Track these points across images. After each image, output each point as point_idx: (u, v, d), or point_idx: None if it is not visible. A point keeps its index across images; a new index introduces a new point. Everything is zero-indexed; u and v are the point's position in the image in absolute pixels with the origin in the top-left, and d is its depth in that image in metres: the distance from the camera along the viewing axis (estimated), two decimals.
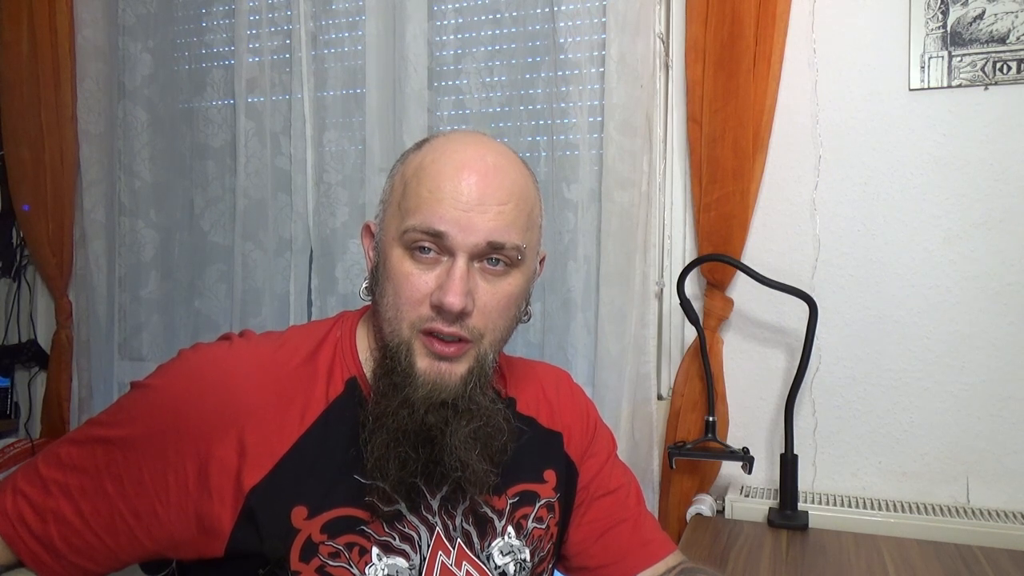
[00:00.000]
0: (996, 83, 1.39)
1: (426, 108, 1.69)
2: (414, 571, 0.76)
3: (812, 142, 1.49)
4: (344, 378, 0.79)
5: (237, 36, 1.82)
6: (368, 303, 0.83)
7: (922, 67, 1.43)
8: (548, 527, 0.86)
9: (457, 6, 1.71)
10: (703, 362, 1.47)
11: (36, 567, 0.75)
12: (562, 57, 1.59)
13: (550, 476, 0.88)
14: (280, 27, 1.82)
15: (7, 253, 2.06)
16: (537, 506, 0.85)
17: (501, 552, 0.81)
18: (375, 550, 0.74)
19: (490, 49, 1.70)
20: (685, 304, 1.47)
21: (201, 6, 1.91)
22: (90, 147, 1.93)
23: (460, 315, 0.73)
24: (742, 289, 1.51)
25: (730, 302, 1.51)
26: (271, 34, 1.82)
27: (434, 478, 0.77)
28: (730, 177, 1.46)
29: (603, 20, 1.56)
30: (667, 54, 1.57)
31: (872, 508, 1.38)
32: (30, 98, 1.94)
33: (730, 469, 1.51)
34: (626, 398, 1.53)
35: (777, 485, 1.39)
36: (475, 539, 0.80)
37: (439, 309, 0.73)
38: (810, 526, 1.33)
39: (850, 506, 1.39)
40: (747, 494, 1.45)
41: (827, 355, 1.48)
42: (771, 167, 1.50)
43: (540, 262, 0.85)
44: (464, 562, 0.79)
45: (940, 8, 1.41)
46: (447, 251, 0.73)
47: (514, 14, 1.67)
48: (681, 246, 1.58)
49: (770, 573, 1.14)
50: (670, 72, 1.57)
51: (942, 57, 1.41)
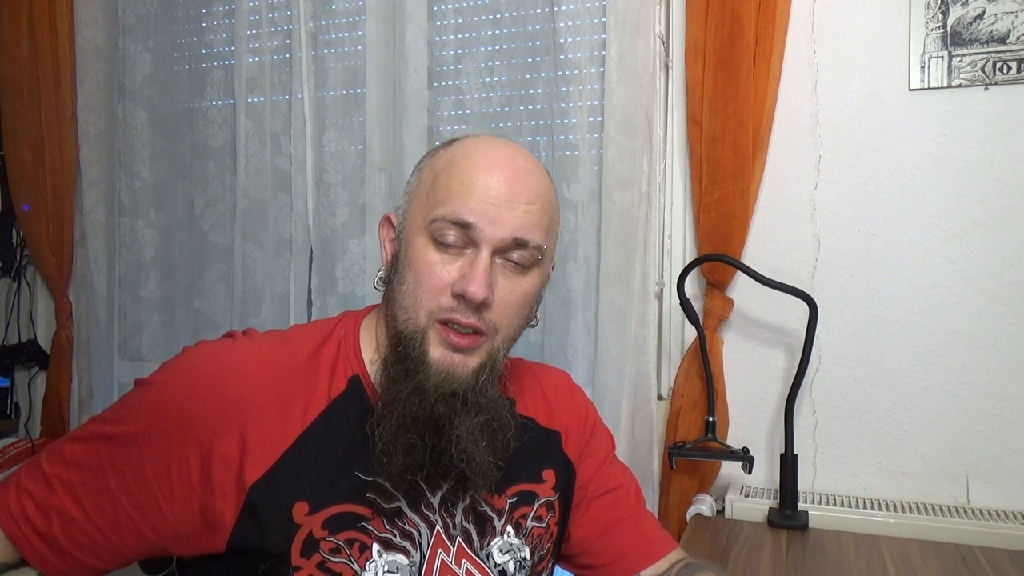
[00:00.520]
0: (996, 83, 1.39)
1: (426, 108, 1.69)
2: (414, 568, 0.76)
3: (812, 142, 1.49)
4: (347, 376, 0.80)
5: (237, 36, 1.82)
6: (379, 297, 0.83)
7: (922, 67, 1.43)
8: (548, 526, 0.86)
9: (457, 6, 1.71)
10: (703, 362, 1.47)
11: (40, 564, 0.75)
12: (562, 57, 1.59)
13: (549, 476, 0.88)
14: (280, 27, 1.82)
15: (7, 253, 2.06)
16: (536, 505, 0.86)
17: (501, 551, 0.82)
18: (376, 546, 0.74)
19: (490, 49, 1.70)
20: (685, 304, 1.47)
21: (201, 6, 1.91)
22: (90, 147, 1.93)
23: (480, 306, 0.74)
24: (742, 289, 1.51)
25: (730, 302, 1.51)
26: (271, 34, 1.82)
27: (438, 469, 0.77)
28: (730, 177, 1.46)
29: (603, 20, 1.57)
30: (667, 54, 1.57)
31: (872, 508, 1.38)
32: (30, 98, 1.94)
33: (730, 469, 1.51)
34: (626, 398, 1.53)
35: (777, 485, 1.39)
36: (475, 537, 0.81)
37: (461, 298, 0.74)
38: (810, 526, 1.33)
39: (850, 506, 1.39)
40: (747, 494, 1.45)
41: (827, 355, 1.48)
42: (771, 167, 1.50)
43: (551, 268, 0.86)
44: (464, 560, 0.79)
45: (940, 8, 1.41)
46: (472, 243, 0.75)
47: (514, 14, 1.67)
48: (681, 246, 1.58)
49: (770, 573, 1.14)
50: (670, 72, 1.57)
51: (942, 57, 1.41)
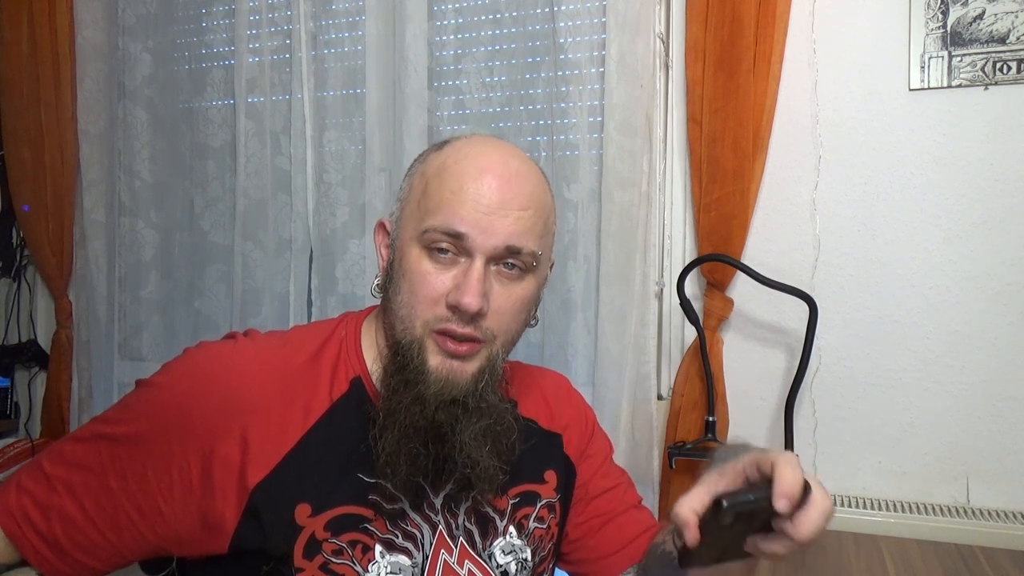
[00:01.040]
0: (996, 83, 1.39)
1: (426, 108, 1.69)
2: (416, 569, 0.76)
3: (812, 142, 1.49)
4: (348, 377, 0.79)
5: (237, 36, 1.82)
6: (378, 301, 0.83)
7: (922, 67, 1.43)
8: (549, 527, 0.86)
9: (457, 6, 1.71)
10: (703, 362, 1.47)
11: (40, 565, 0.75)
12: (562, 57, 1.59)
13: (550, 477, 0.88)
14: (280, 27, 1.82)
15: (7, 253, 2.06)
16: (538, 506, 0.86)
17: (503, 551, 0.81)
18: (378, 547, 0.74)
19: (490, 49, 1.70)
20: (685, 304, 1.47)
21: (201, 6, 1.91)
22: (90, 147, 1.93)
23: (475, 316, 0.73)
24: (742, 289, 1.51)
25: (730, 302, 1.51)
26: (271, 34, 1.82)
27: (442, 475, 0.77)
28: (730, 177, 1.46)
29: (603, 20, 1.57)
30: (667, 54, 1.57)
31: (872, 508, 1.38)
32: (30, 98, 1.94)
33: None
34: (626, 398, 1.53)
35: None
36: (477, 538, 0.80)
37: (455, 309, 0.73)
38: None
39: (850, 506, 1.40)
40: None
41: (827, 355, 1.48)
42: (771, 167, 1.50)
43: (550, 268, 0.86)
44: (466, 560, 0.79)
45: (940, 8, 1.41)
46: (465, 252, 0.74)
47: (514, 14, 1.67)
48: (681, 246, 1.58)
49: (770, 573, 1.14)
50: (670, 72, 1.57)
51: (942, 57, 1.41)
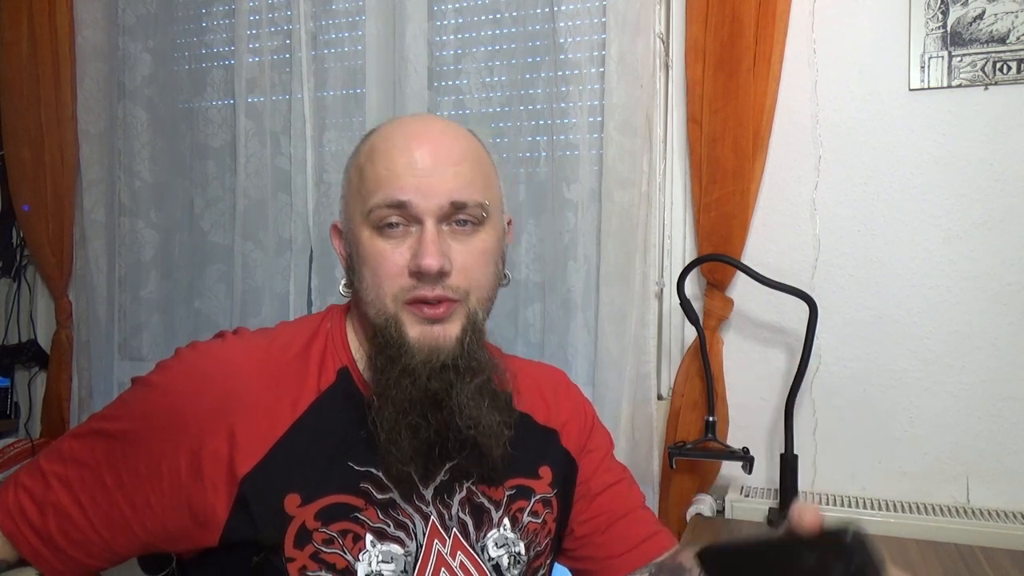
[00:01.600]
0: (996, 83, 1.39)
1: (426, 108, 1.69)
2: (410, 558, 0.75)
3: (812, 142, 1.49)
4: (336, 368, 0.80)
5: (237, 36, 1.82)
6: (350, 299, 0.84)
7: (922, 67, 1.43)
8: (545, 522, 0.86)
9: (457, 6, 1.71)
10: (703, 362, 1.47)
11: (36, 562, 0.76)
12: (562, 57, 1.59)
13: (545, 472, 0.88)
14: (280, 27, 1.82)
15: (7, 253, 2.06)
16: (532, 501, 0.85)
17: (496, 544, 0.81)
18: (369, 536, 0.74)
19: (490, 49, 1.70)
20: (685, 304, 1.47)
21: (201, 6, 1.91)
22: (90, 147, 1.93)
23: (440, 276, 0.74)
24: (742, 289, 1.51)
25: (730, 302, 1.51)
26: (271, 34, 1.82)
27: (447, 444, 0.77)
28: (730, 177, 1.46)
29: (603, 20, 1.56)
30: (667, 54, 1.57)
31: (872, 508, 1.38)
32: (30, 98, 1.93)
33: (730, 469, 1.50)
34: (626, 398, 1.53)
35: (777, 485, 1.39)
36: (471, 529, 0.80)
37: (418, 275, 0.74)
38: None
39: (850, 506, 1.40)
40: (747, 494, 1.45)
41: (827, 355, 1.48)
42: (771, 167, 1.50)
43: (508, 225, 0.86)
44: (459, 552, 0.78)
45: (940, 8, 1.41)
46: (414, 220, 0.75)
47: (514, 14, 1.67)
48: (681, 246, 1.58)
49: None
50: (670, 72, 1.57)
51: (942, 57, 1.41)
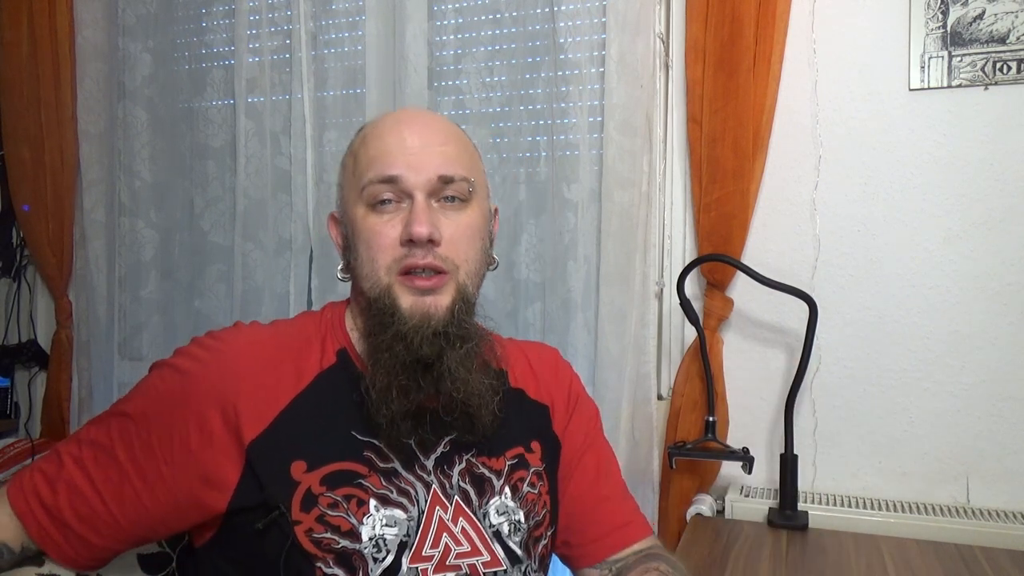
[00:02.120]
0: (996, 83, 1.39)
1: (426, 108, 1.69)
2: (412, 522, 0.79)
3: (812, 142, 1.49)
4: (335, 349, 0.85)
5: (237, 36, 1.82)
6: (345, 288, 0.89)
7: (922, 67, 1.43)
8: (540, 493, 0.89)
9: (457, 6, 1.71)
10: (703, 362, 1.47)
11: (42, 543, 0.77)
12: (562, 57, 1.59)
13: (536, 447, 0.91)
14: (280, 27, 1.82)
15: (7, 253, 2.06)
16: (530, 472, 0.89)
17: (497, 511, 0.84)
18: (372, 502, 0.78)
19: (490, 49, 1.70)
20: (685, 304, 1.47)
21: (201, 6, 1.91)
22: (90, 147, 1.93)
23: (430, 244, 0.79)
24: (742, 289, 1.51)
25: (730, 302, 1.51)
26: (271, 34, 1.82)
27: (439, 406, 0.81)
28: (730, 177, 1.46)
29: (603, 20, 1.56)
30: (667, 54, 1.57)
31: (872, 508, 1.38)
32: (30, 98, 1.94)
33: (730, 469, 1.50)
34: (626, 398, 1.53)
35: (777, 485, 1.39)
36: (473, 497, 0.83)
37: (410, 243, 0.78)
38: (810, 526, 1.33)
39: (850, 506, 1.40)
40: (747, 494, 1.45)
41: (827, 355, 1.48)
42: (771, 167, 1.50)
43: (494, 214, 0.92)
44: (461, 518, 0.81)
45: (940, 8, 1.41)
46: (405, 195, 0.80)
47: (514, 14, 1.67)
48: (681, 246, 1.58)
49: (770, 573, 1.14)
50: (670, 72, 1.57)
51: (942, 57, 1.41)
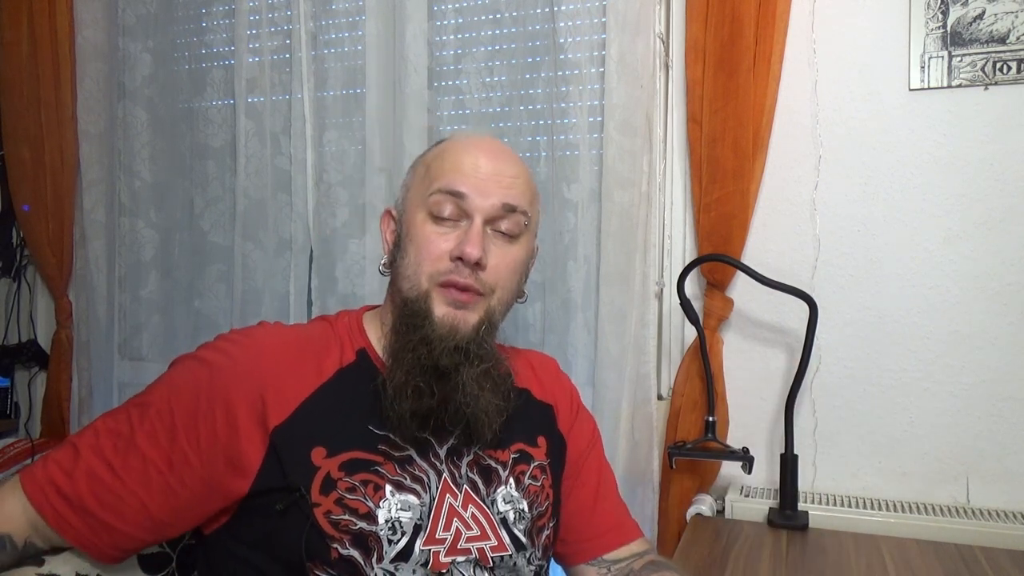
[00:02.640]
0: (996, 83, 1.39)
1: (426, 108, 1.69)
2: (424, 508, 0.82)
3: (812, 142, 1.49)
4: (355, 348, 0.89)
5: (237, 36, 1.82)
6: (375, 300, 0.93)
7: (922, 67, 1.43)
8: (543, 486, 0.92)
9: (457, 6, 1.71)
10: (703, 362, 1.47)
11: (61, 529, 0.78)
12: (562, 57, 1.59)
13: (542, 442, 0.95)
14: (280, 27, 1.82)
15: (7, 253, 2.06)
16: (532, 466, 0.92)
17: (504, 500, 0.88)
18: (388, 487, 0.81)
19: (490, 49, 1.70)
20: (685, 304, 1.47)
21: (201, 6, 1.91)
22: (90, 147, 1.93)
23: (476, 267, 0.83)
24: (742, 289, 1.51)
25: (730, 302, 1.51)
26: (271, 34, 1.82)
27: (446, 415, 0.84)
28: (730, 177, 1.46)
29: (603, 20, 1.56)
30: (667, 54, 1.57)
31: (872, 508, 1.38)
32: (30, 98, 1.93)
33: (730, 469, 1.50)
34: (626, 398, 1.53)
35: (777, 485, 1.39)
36: (481, 486, 0.87)
37: (459, 260, 0.83)
38: (810, 526, 1.33)
39: (850, 506, 1.40)
40: (747, 494, 1.45)
41: (827, 355, 1.48)
42: (771, 167, 1.50)
43: (535, 252, 0.96)
44: (470, 505, 0.85)
45: (940, 8, 1.41)
46: (466, 215, 0.85)
47: (514, 14, 1.67)
48: (681, 246, 1.58)
49: (770, 573, 1.14)
50: (670, 72, 1.57)
51: (942, 57, 1.41)
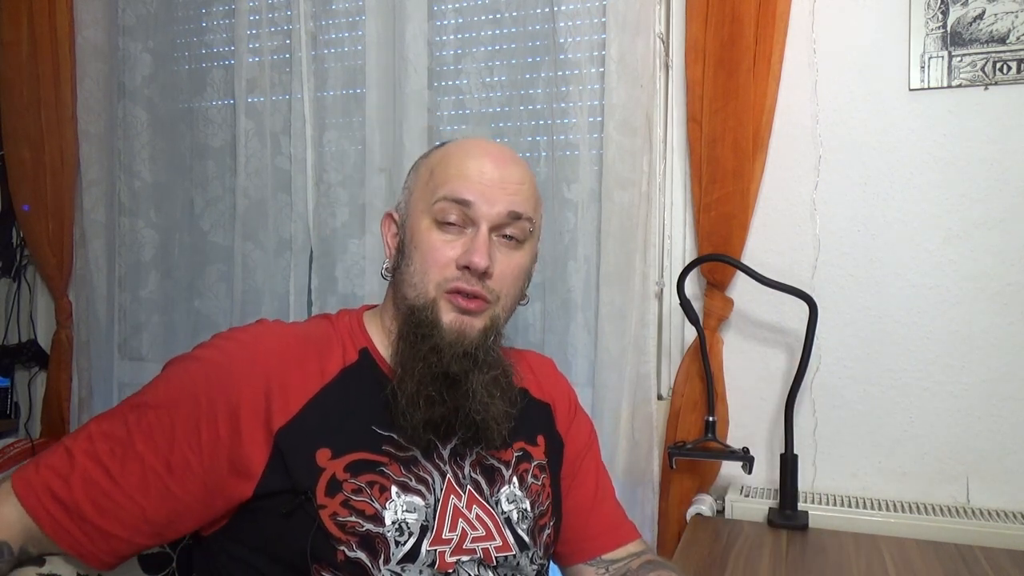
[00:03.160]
0: (996, 83, 1.39)
1: (426, 108, 1.69)
2: (429, 509, 0.82)
3: (812, 142, 1.49)
4: (357, 348, 0.89)
5: (237, 36, 1.82)
6: (374, 300, 0.93)
7: (922, 67, 1.43)
8: (543, 485, 0.93)
9: (457, 6, 1.71)
10: (703, 362, 1.47)
11: (56, 536, 0.76)
12: (562, 57, 1.59)
13: (541, 441, 0.96)
14: (280, 27, 1.82)
15: (7, 253, 2.06)
16: (533, 465, 0.92)
17: (507, 499, 0.88)
18: (394, 488, 0.81)
19: (490, 49, 1.70)
20: (685, 304, 1.47)
21: (201, 6, 1.91)
22: (90, 147, 1.93)
23: (483, 275, 0.83)
24: (742, 289, 1.51)
25: (730, 302, 1.51)
26: (271, 34, 1.82)
27: (455, 422, 0.84)
28: (730, 177, 1.46)
29: (603, 20, 1.56)
30: (667, 54, 1.57)
31: (872, 508, 1.38)
32: (30, 98, 1.93)
33: (730, 469, 1.50)
34: (626, 398, 1.53)
35: (777, 485, 1.39)
36: (484, 486, 0.87)
37: (466, 269, 0.83)
38: (810, 526, 1.33)
39: (850, 506, 1.39)
40: (747, 494, 1.45)
41: (827, 355, 1.48)
42: (771, 167, 1.50)
43: (535, 255, 0.96)
44: (474, 505, 0.85)
45: (940, 8, 1.41)
46: (471, 222, 0.84)
47: (514, 14, 1.67)
48: (681, 246, 1.58)
49: (770, 573, 1.14)
50: (670, 72, 1.57)
51: (942, 57, 1.41)
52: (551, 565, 0.97)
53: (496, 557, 0.83)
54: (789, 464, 1.37)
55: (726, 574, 1.14)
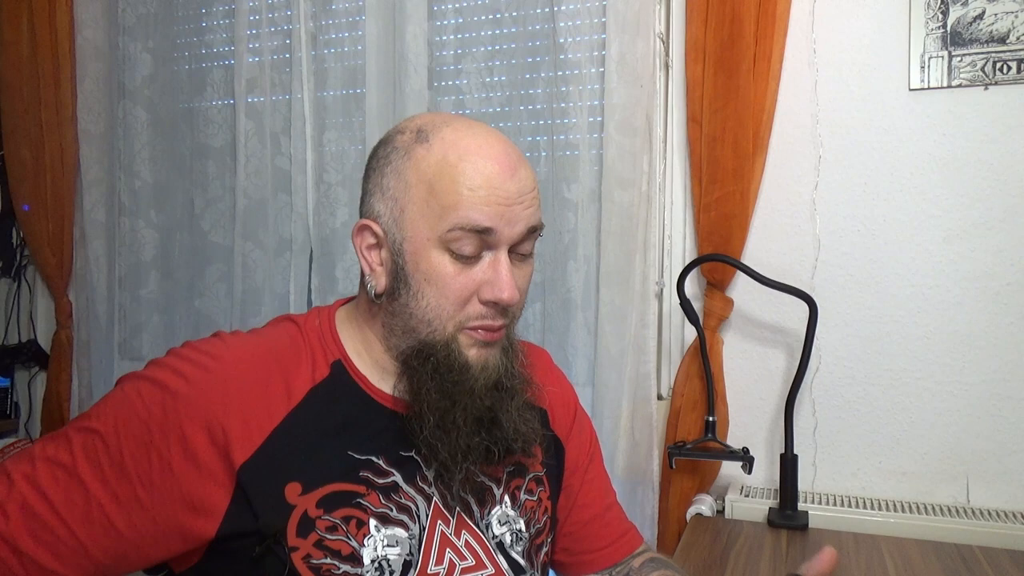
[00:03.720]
0: (996, 83, 1.39)
1: (426, 108, 1.69)
2: (414, 540, 0.75)
3: (812, 142, 1.49)
4: (329, 361, 0.79)
5: (237, 36, 1.82)
6: (343, 289, 0.83)
7: (922, 67, 1.43)
8: (540, 500, 0.87)
9: (457, 6, 1.71)
10: (703, 362, 1.47)
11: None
12: (562, 57, 1.59)
13: (537, 451, 0.88)
14: (280, 27, 1.82)
15: (7, 253, 2.06)
16: (527, 479, 0.86)
17: (499, 522, 0.82)
18: (372, 522, 0.74)
19: (490, 49, 1.70)
20: (685, 304, 1.47)
21: (201, 6, 1.91)
22: (90, 147, 1.93)
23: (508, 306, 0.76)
24: (742, 289, 1.51)
25: (730, 302, 1.51)
26: (271, 34, 1.82)
27: (497, 453, 0.78)
28: (730, 177, 1.46)
29: (603, 20, 1.56)
30: (667, 54, 1.57)
31: (872, 508, 1.38)
32: (30, 98, 1.94)
33: (730, 469, 1.50)
34: (626, 398, 1.53)
35: (777, 485, 1.39)
36: (474, 507, 0.80)
37: (492, 304, 0.75)
38: (810, 526, 1.33)
39: (850, 506, 1.40)
40: (747, 494, 1.45)
41: (827, 355, 1.48)
42: (771, 167, 1.50)
43: None
44: (464, 531, 0.79)
45: (940, 8, 1.41)
46: (488, 246, 0.74)
47: (514, 14, 1.67)
48: (681, 246, 1.58)
49: (770, 573, 1.14)
50: (670, 72, 1.57)
51: (942, 57, 1.41)
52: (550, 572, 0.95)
53: None
54: (789, 464, 1.37)
55: (726, 574, 1.14)
